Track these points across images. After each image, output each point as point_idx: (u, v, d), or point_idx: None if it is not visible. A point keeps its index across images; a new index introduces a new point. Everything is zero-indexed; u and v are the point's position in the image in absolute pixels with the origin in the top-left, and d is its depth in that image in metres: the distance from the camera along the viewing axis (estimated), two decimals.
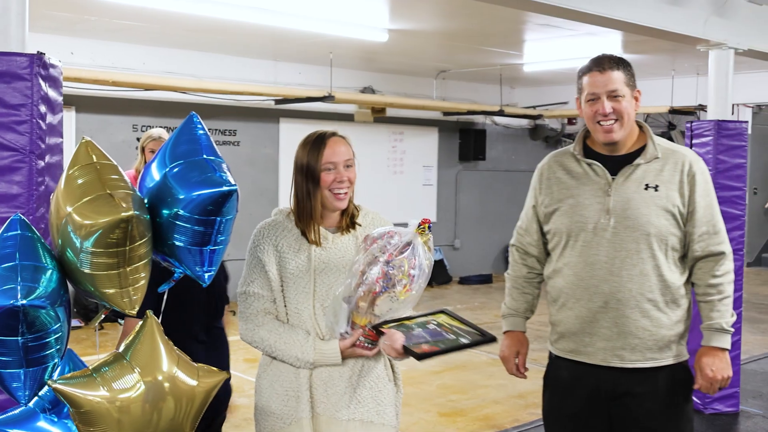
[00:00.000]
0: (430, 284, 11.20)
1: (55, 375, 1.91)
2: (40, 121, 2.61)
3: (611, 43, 7.78)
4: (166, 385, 1.91)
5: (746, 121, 5.73)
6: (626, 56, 8.46)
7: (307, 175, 2.37)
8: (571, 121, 12.34)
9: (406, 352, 2.27)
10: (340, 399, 2.38)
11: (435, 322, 2.44)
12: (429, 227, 2.27)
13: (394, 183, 10.82)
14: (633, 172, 2.56)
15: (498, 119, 11.64)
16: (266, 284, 2.39)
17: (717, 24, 5.64)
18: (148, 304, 2.10)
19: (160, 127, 8.77)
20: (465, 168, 11.72)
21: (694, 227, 2.54)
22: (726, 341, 2.55)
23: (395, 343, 2.28)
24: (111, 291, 1.85)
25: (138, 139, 8.88)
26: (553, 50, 8.37)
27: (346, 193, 2.39)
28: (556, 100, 11.43)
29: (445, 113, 10.92)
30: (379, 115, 10.07)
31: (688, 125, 5.45)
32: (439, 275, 11.04)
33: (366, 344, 2.33)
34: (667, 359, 2.56)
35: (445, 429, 5.13)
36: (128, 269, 1.83)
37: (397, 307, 2.28)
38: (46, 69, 2.64)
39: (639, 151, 2.59)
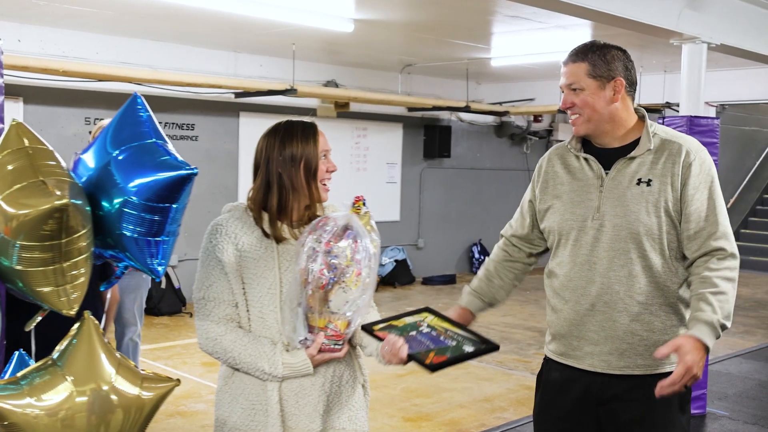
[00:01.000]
0: (392, 284, 11.10)
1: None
2: None
3: (581, 37, 7.64)
4: (102, 396, 1.73)
5: (718, 118, 5.69)
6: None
7: (304, 166, 2.20)
8: (537, 118, 12.28)
9: (412, 360, 2.11)
10: (314, 410, 2.20)
11: (426, 324, 2.27)
12: (364, 203, 2.12)
13: (357, 180, 10.61)
14: (626, 166, 2.40)
15: (463, 115, 11.51)
16: (226, 287, 2.16)
17: (691, 17, 5.58)
18: (87, 305, 1.89)
19: None
20: (429, 165, 11.57)
21: (688, 223, 2.34)
22: (709, 337, 2.21)
23: (399, 351, 2.11)
24: (47, 289, 1.68)
25: (90, 133, 8.51)
26: (522, 44, 8.24)
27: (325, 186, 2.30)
28: (522, 96, 11.32)
29: (410, 109, 10.75)
30: (343, 110, 9.87)
31: (660, 121, 5.37)
32: (402, 275, 10.87)
33: (331, 346, 2.14)
34: (662, 366, 2.37)
35: None
36: (65, 265, 1.66)
37: (354, 298, 2.09)
38: None
39: (635, 143, 2.42)
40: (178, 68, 8.34)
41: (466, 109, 10.47)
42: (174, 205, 1.78)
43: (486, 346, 2.21)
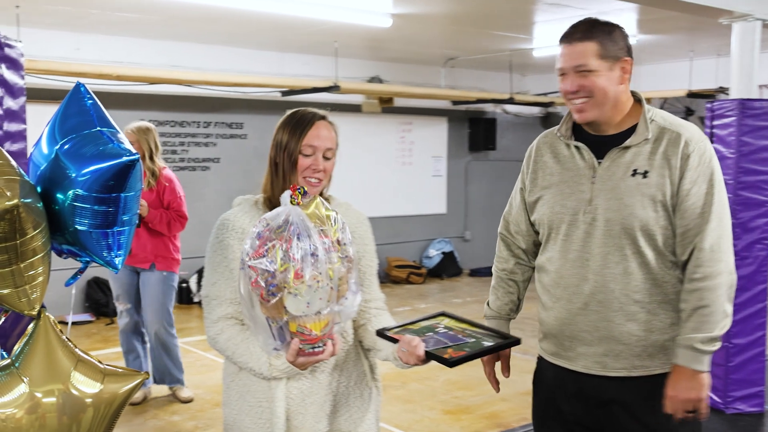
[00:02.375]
0: (439, 276, 11.06)
1: None
2: None
3: (625, 22, 7.48)
4: (61, 393, 1.66)
5: None
6: (642, 37, 8.25)
7: (285, 154, 2.13)
8: None
9: (430, 358, 2.03)
10: (320, 409, 2.15)
11: (443, 326, 2.18)
12: (303, 192, 1.89)
13: (403, 175, 10.70)
14: (621, 156, 2.22)
15: (508, 107, 11.48)
16: (229, 285, 2.11)
17: None
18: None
19: (168, 120, 8.72)
20: (475, 158, 11.58)
21: (681, 220, 2.18)
22: (694, 360, 2.15)
23: (416, 349, 2.02)
24: (5, 291, 1.63)
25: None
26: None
27: (319, 181, 2.14)
28: None
29: (454, 102, 10.77)
30: (387, 105, 9.94)
31: (709, 105, 5.08)
32: (449, 267, 10.89)
33: (309, 350, 1.93)
34: (662, 367, 2.24)
35: (449, 428, 4.96)
36: (22, 265, 1.61)
37: (312, 299, 1.84)
38: (2, 49, 2.41)
39: (631, 130, 2.24)
40: (226, 69, 8.55)
41: (511, 101, 10.42)
42: (123, 194, 1.69)
43: (506, 341, 2.13)
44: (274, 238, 1.84)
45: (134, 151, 1.69)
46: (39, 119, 2.65)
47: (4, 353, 1.94)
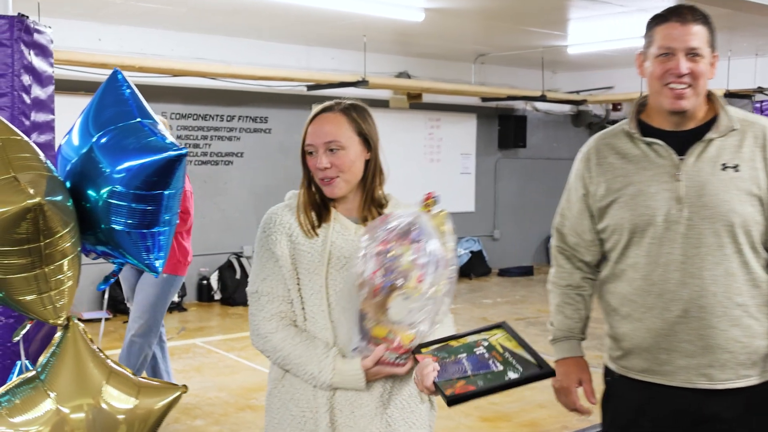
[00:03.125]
0: (468, 276, 10.94)
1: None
2: (24, 95, 2.27)
3: None
4: (91, 410, 1.53)
5: None
6: None
7: (302, 155, 2.05)
8: (616, 106, 11.89)
9: (437, 389, 1.87)
10: (369, 424, 2.00)
11: (486, 344, 1.99)
12: (435, 200, 1.86)
13: (431, 172, 10.50)
14: (705, 150, 2.11)
15: (539, 105, 11.24)
16: (281, 282, 2.01)
17: None
18: None
19: (191, 113, 8.58)
20: (504, 156, 11.35)
21: None
22: None
23: (425, 378, 1.86)
24: (28, 298, 1.49)
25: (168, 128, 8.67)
26: (600, 30, 7.97)
27: (331, 180, 2.00)
28: (600, 84, 10.98)
29: (484, 99, 10.54)
30: (415, 101, 9.75)
31: (758, 104, 4.99)
32: (478, 267, 10.69)
33: (392, 359, 1.91)
34: (761, 376, 2.12)
35: None
36: (48, 269, 1.48)
37: (418, 308, 1.83)
38: (30, 34, 2.29)
39: (709, 124, 2.13)
40: (251, 62, 8.38)
41: (542, 99, 10.21)
42: (166, 192, 1.57)
43: (537, 372, 1.89)
44: (401, 237, 1.81)
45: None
46: (60, 110, 2.53)
47: (28, 364, 1.80)
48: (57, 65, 6.76)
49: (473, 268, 10.62)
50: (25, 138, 1.54)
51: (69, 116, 2.12)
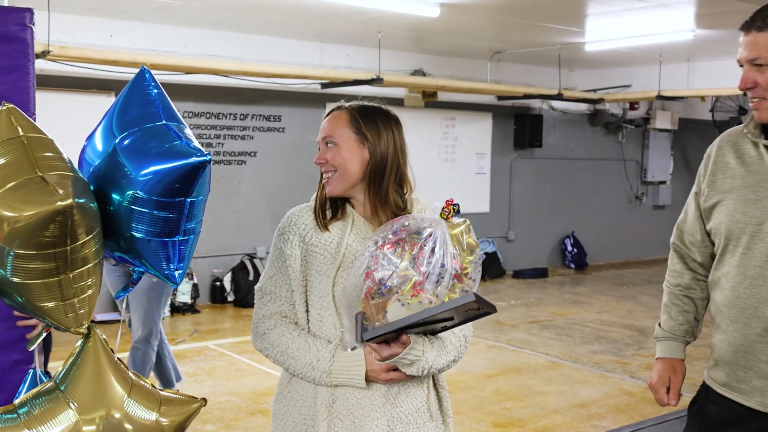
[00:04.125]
0: (482, 278, 10.87)
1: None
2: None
3: (683, 16, 7.19)
4: (113, 422, 1.46)
5: None
6: (699, 32, 7.96)
7: None
8: (633, 105, 11.74)
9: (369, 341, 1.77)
10: None
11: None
12: (455, 209, 1.77)
13: (446, 171, 10.37)
14: None
15: (555, 104, 11.10)
16: (285, 282, 1.99)
17: None
18: None
19: (204, 112, 8.49)
20: (520, 155, 11.21)
21: None
22: None
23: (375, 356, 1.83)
24: (50, 305, 1.42)
25: None
26: (618, 26, 7.81)
27: (330, 177, 1.98)
28: (618, 83, 10.82)
29: (500, 97, 10.42)
30: (430, 100, 9.64)
31: None
32: (492, 268, 10.56)
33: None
34: None
35: None
36: (72, 275, 1.41)
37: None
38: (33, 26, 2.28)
39: None
40: (264, 59, 8.28)
41: (559, 97, 10.07)
42: (189, 199, 1.49)
43: (461, 303, 1.70)
44: (409, 240, 1.74)
45: (205, 151, 1.48)
46: (70, 108, 2.45)
47: (42, 375, 1.76)
48: (68, 62, 6.73)
49: (487, 269, 10.48)
50: (49, 136, 1.49)
51: (79, 114, 2.04)
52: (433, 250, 1.72)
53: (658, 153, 12.56)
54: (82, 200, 1.38)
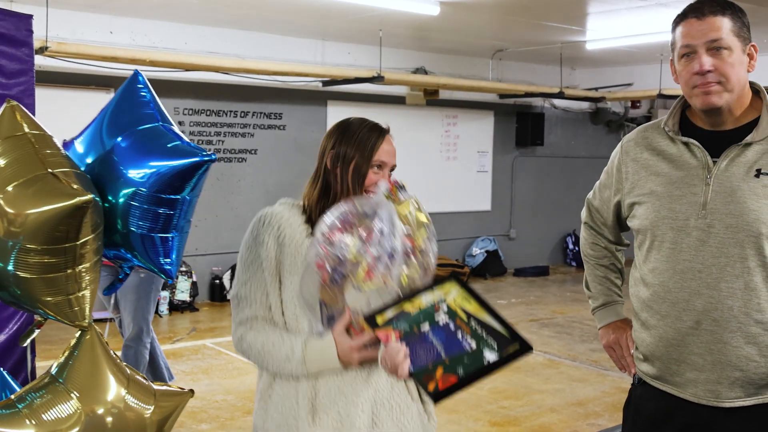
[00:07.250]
0: (483, 276, 10.79)
1: None
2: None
3: None
4: (113, 412, 1.50)
5: None
6: None
7: (350, 169, 1.96)
8: (635, 104, 11.72)
9: (414, 380, 1.75)
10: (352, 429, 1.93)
11: (446, 309, 1.82)
12: (400, 188, 1.78)
13: (447, 169, 10.36)
14: (741, 154, 1.97)
15: (557, 102, 11.09)
16: (261, 286, 1.97)
17: None
18: None
19: (204, 109, 8.48)
20: (522, 154, 11.20)
21: None
22: None
23: (400, 368, 1.74)
24: (53, 299, 1.43)
25: (180, 123, 8.58)
26: (619, 25, 7.80)
27: None
28: (619, 81, 10.80)
29: (502, 95, 10.40)
30: (432, 98, 9.62)
31: None
32: (493, 266, 10.55)
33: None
34: None
35: None
36: (78, 269, 1.42)
37: (374, 300, 1.76)
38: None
39: (752, 125, 1.99)
40: (265, 57, 8.27)
41: (560, 95, 10.06)
42: (187, 197, 1.56)
43: (515, 350, 1.74)
44: (357, 225, 1.72)
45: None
46: (68, 104, 2.47)
47: (9, 379, 1.77)
48: (67, 59, 6.70)
49: (488, 267, 10.48)
50: (49, 133, 1.52)
51: (79, 111, 2.05)
52: (381, 231, 1.71)
53: None
54: (95, 196, 1.41)
